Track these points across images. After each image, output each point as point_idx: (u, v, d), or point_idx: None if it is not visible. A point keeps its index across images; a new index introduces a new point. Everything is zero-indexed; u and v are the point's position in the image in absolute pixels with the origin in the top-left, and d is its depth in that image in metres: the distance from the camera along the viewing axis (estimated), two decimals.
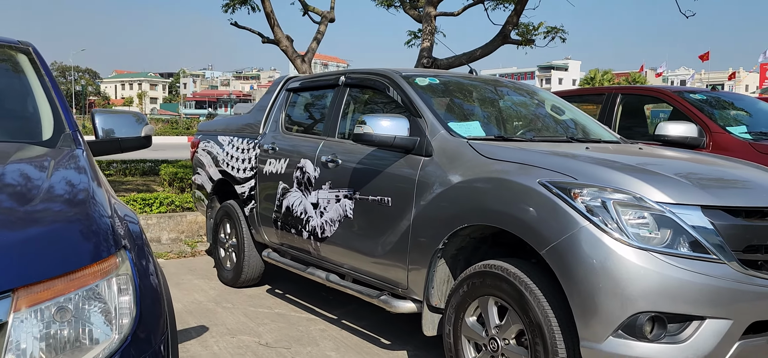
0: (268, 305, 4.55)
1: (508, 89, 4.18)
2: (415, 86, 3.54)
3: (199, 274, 5.45)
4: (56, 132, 2.12)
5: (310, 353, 3.57)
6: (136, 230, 1.62)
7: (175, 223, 6.65)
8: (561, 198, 2.47)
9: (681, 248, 2.33)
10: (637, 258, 2.29)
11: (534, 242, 2.52)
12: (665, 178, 2.51)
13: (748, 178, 2.80)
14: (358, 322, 4.15)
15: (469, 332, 2.86)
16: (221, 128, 5.32)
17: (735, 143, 4.50)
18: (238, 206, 4.87)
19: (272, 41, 9.03)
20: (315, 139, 4.06)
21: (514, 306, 2.62)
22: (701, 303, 2.28)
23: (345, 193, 3.62)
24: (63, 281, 1.20)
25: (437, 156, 3.12)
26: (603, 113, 5.50)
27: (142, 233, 1.65)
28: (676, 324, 2.30)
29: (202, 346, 3.65)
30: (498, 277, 2.68)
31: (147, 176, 11.21)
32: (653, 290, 2.27)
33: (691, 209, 2.38)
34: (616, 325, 2.29)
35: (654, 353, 2.28)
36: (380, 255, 3.36)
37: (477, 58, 8.66)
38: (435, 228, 2.99)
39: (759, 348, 2.40)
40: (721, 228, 2.37)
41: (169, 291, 1.72)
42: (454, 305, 2.90)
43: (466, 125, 3.30)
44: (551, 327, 2.47)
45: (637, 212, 2.37)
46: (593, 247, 2.34)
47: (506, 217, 2.65)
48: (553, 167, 2.63)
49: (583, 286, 2.34)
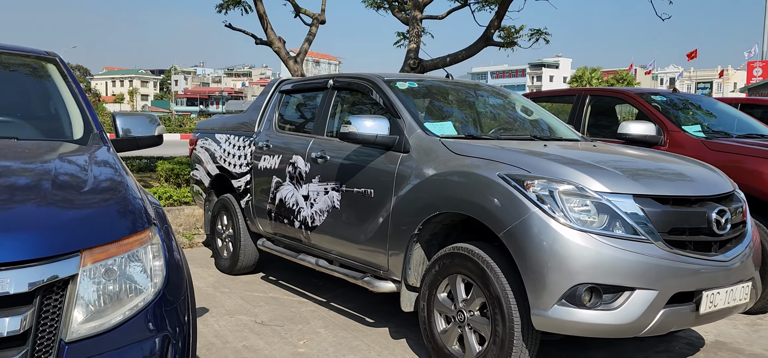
0: (262, 289, 4.95)
1: (483, 92, 4.59)
2: (395, 90, 3.95)
3: (198, 263, 5.84)
4: (86, 132, 2.51)
5: (302, 330, 3.98)
6: (161, 212, 2.02)
7: (173, 216, 7.02)
8: (516, 188, 2.89)
9: (616, 230, 2.75)
10: (578, 239, 2.71)
11: (493, 227, 2.94)
12: (604, 171, 2.93)
13: (680, 171, 3.23)
14: (345, 304, 4.55)
15: (440, 307, 3.27)
16: (218, 127, 5.70)
17: (689, 141, 4.94)
18: (234, 199, 5.26)
19: (265, 43, 9.39)
20: (306, 137, 4.46)
21: (477, 282, 3.04)
22: (631, 276, 2.71)
23: (333, 186, 4.03)
24: (114, 246, 1.60)
25: (414, 152, 3.53)
26: (573, 113, 5.94)
27: (164, 216, 2.04)
28: (610, 294, 2.73)
29: (204, 325, 4.05)
30: (464, 257, 3.10)
31: (143, 173, 11.54)
32: (590, 265, 2.69)
33: (624, 197, 2.80)
34: (559, 295, 2.71)
35: (591, 318, 2.70)
36: (364, 241, 3.77)
37: (461, 59, 9.07)
38: (411, 216, 3.40)
39: (681, 316, 2.83)
40: (649, 213, 2.80)
41: (187, 263, 2.11)
42: (428, 283, 3.32)
43: (440, 125, 3.72)
44: (508, 299, 2.89)
45: (579, 200, 2.79)
46: (541, 229, 2.76)
47: (471, 205, 3.07)
48: (511, 162, 3.04)
49: (533, 262, 2.76)
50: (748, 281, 3.08)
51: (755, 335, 4.03)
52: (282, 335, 3.85)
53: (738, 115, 5.96)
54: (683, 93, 6.11)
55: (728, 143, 4.76)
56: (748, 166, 4.43)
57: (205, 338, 3.76)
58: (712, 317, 2.98)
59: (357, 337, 3.84)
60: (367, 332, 3.96)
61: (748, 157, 4.48)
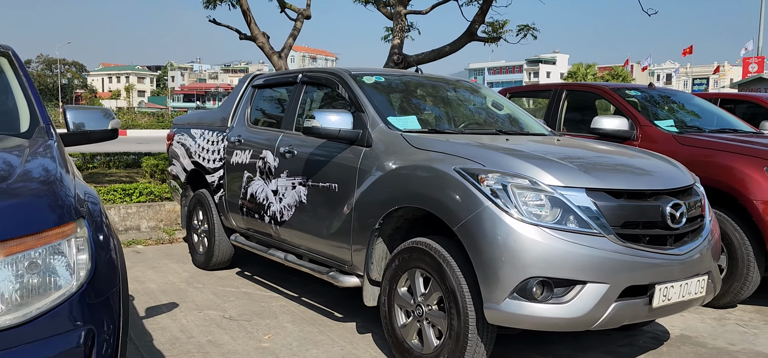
0: (235, 285, 4.95)
1: (453, 86, 4.59)
2: (361, 84, 3.94)
3: (175, 258, 5.84)
4: (32, 125, 2.50)
5: (269, 324, 3.98)
6: (95, 208, 2.01)
7: (154, 212, 7.02)
8: (470, 182, 2.89)
9: (568, 223, 2.76)
10: (530, 233, 2.71)
11: (448, 221, 2.94)
12: (558, 164, 2.94)
13: (638, 165, 3.24)
14: (316, 298, 4.56)
15: (400, 301, 3.27)
16: (194, 122, 5.69)
17: (661, 136, 4.95)
18: (209, 194, 5.26)
19: (249, 38, 9.38)
20: (275, 132, 4.46)
21: (435, 276, 3.04)
22: (582, 270, 2.71)
23: (300, 180, 4.03)
24: (32, 239, 1.60)
25: (376, 147, 3.53)
26: (550, 108, 5.94)
27: (101, 211, 2.04)
28: (561, 288, 2.73)
29: (171, 319, 4.05)
30: (422, 251, 3.10)
31: (130, 168, 11.54)
32: (542, 259, 2.69)
33: (576, 190, 2.81)
34: (511, 288, 2.71)
35: (542, 312, 2.71)
36: (329, 236, 3.77)
37: (446, 54, 9.06)
38: (372, 210, 3.40)
39: (634, 309, 2.83)
40: (602, 207, 2.80)
41: (123, 259, 2.10)
42: (388, 278, 3.32)
43: (403, 119, 3.72)
44: (463, 293, 2.89)
45: (531, 194, 2.79)
46: (494, 223, 2.76)
47: (427, 199, 3.07)
48: (467, 156, 3.04)
49: (486, 256, 2.76)
50: (704, 274, 3.08)
51: (721, 329, 4.04)
52: (248, 330, 3.85)
53: (714, 111, 5.97)
54: (660, 88, 6.11)
55: (699, 138, 4.76)
56: (718, 161, 4.44)
57: (170, 333, 3.76)
58: (667, 310, 2.99)
59: (323, 331, 3.84)
60: (334, 326, 3.96)
61: (719, 152, 4.48)
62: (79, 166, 11.30)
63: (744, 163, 4.28)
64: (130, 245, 6.43)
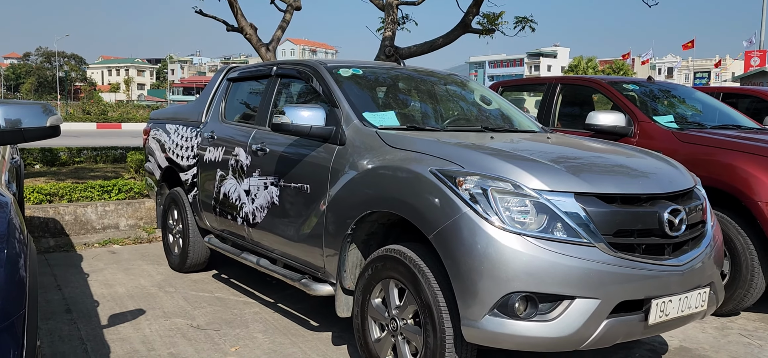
0: (209, 289, 4.68)
1: (438, 80, 4.30)
2: (336, 77, 3.66)
3: (151, 259, 5.57)
4: None
5: (238, 334, 3.71)
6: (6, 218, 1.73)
7: (133, 209, 6.74)
8: (447, 186, 2.61)
9: (555, 232, 2.48)
10: (512, 242, 2.43)
11: (423, 227, 2.66)
12: (544, 166, 2.65)
13: (633, 166, 2.95)
14: (293, 305, 4.29)
15: (374, 313, 3.00)
16: (169, 116, 5.42)
17: (660, 132, 4.66)
18: (183, 193, 4.99)
19: (236, 29, 9.08)
20: (248, 128, 4.18)
21: (409, 288, 2.76)
22: (570, 284, 2.43)
23: (272, 180, 3.75)
24: None
25: (349, 145, 3.25)
26: (544, 102, 5.65)
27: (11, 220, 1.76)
28: (547, 303, 2.46)
29: (134, 328, 3.78)
30: (396, 260, 2.82)
31: (117, 163, 11.27)
32: (525, 272, 2.41)
33: (564, 195, 2.53)
34: (491, 304, 2.43)
35: (525, 331, 2.43)
36: (301, 240, 3.50)
37: (439, 46, 8.76)
38: (344, 214, 3.12)
39: (628, 326, 2.56)
40: (592, 213, 2.52)
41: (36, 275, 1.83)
42: (361, 288, 3.05)
43: (380, 115, 3.43)
44: (439, 308, 2.62)
45: (514, 199, 2.51)
46: (472, 232, 2.48)
47: (401, 203, 2.79)
48: (445, 156, 2.76)
49: (463, 268, 2.49)
50: (705, 286, 2.81)
51: (724, 340, 3.76)
52: (215, 341, 3.59)
53: (717, 106, 5.68)
54: (659, 82, 5.81)
55: (701, 135, 4.48)
56: (720, 160, 4.16)
57: (130, 345, 3.50)
58: (665, 326, 2.72)
59: (295, 343, 3.58)
60: (308, 337, 3.69)
61: (721, 150, 4.20)
62: (64, 161, 11.03)
63: (748, 162, 3.99)
64: (106, 245, 6.17)
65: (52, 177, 8.84)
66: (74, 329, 3.74)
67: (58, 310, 4.09)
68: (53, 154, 11.01)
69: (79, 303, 4.25)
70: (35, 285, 1.78)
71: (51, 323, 3.83)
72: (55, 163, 10.92)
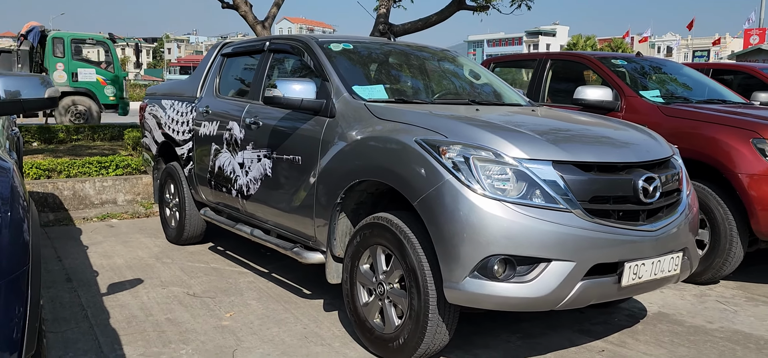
0: (205, 260, 4.81)
1: (428, 55, 4.39)
2: (327, 51, 3.75)
3: (148, 233, 5.69)
4: None
5: (232, 302, 3.84)
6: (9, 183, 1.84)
7: (130, 185, 6.85)
8: (431, 154, 2.72)
9: (533, 198, 2.59)
10: (491, 208, 2.55)
11: (408, 195, 2.77)
12: (524, 135, 2.76)
13: (612, 136, 3.06)
14: (287, 274, 4.42)
15: (362, 279, 3.13)
16: (165, 92, 5.50)
17: (646, 107, 4.76)
18: (179, 167, 5.09)
19: (231, 6, 9.12)
20: (242, 103, 4.27)
21: (396, 254, 2.89)
22: (547, 247, 2.55)
23: (265, 153, 3.85)
24: None
25: (339, 117, 3.35)
26: (534, 78, 5.74)
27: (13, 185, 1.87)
28: (525, 266, 2.58)
29: (132, 296, 3.91)
30: (384, 227, 2.94)
31: (115, 141, 11.35)
32: (504, 236, 2.53)
33: (542, 163, 2.64)
34: (471, 267, 2.56)
35: (503, 291, 2.56)
36: (293, 210, 3.61)
37: (433, 23, 8.82)
38: (334, 184, 3.23)
39: (602, 288, 2.69)
40: (569, 181, 2.64)
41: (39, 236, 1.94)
42: (350, 255, 3.17)
43: (369, 88, 3.53)
44: (424, 272, 2.74)
45: (495, 167, 2.62)
46: (454, 198, 2.60)
47: (387, 172, 2.90)
48: (430, 127, 2.87)
49: (446, 233, 2.61)
50: (679, 251, 2.93)
51: (701, 306, 3.91)
52: (210, 308, 3.72)
53: (705, 81, 5.78)
54: (648, 58, 5.90)
55: (685, 109, 4.58)
56: (703, 133, 4.27)
57: (128, 311, 3.63)
58: (638, 288, 2.84)
59: (288, 309, 3.71)
60: (300, 304, 3.83)
61: (704, 124, 4.31)
62: (62, 138, 11.11)
63: (729, 135, 4.11)
64: (105, 219, 6.28)
65: (51, 154, 8.94)
66: (75, 296, 3.87)
67: (59, 279, 4.21)
68: (51, 132, 11.09)
69: (79, 273, 4.37)
70: (38, 245, 1.89)
71: (52, 291, 3.95)
72: (53, 140, 11.00)
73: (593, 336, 3.37)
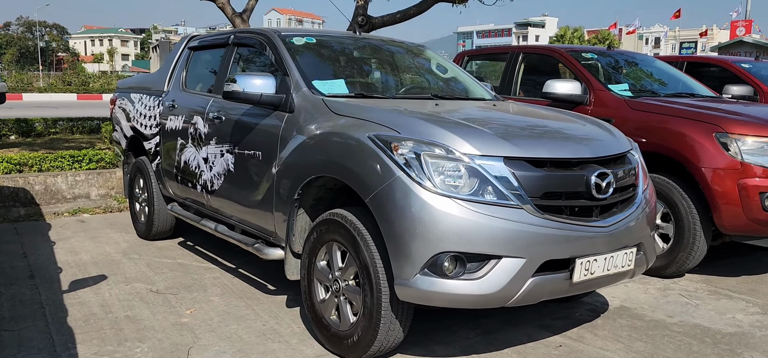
0: (173, 255, 4.77)
1: (395, 48, 4.36)
2: (289, 45, 3.72)
3: (119, 228, 5.64)
4: None
5: (195, 298, 3.82)
6: None
7: (104, 179, 6.78)
8: (383, 151, 2.70)
9: (484, 195, 2.58)
10: (441, 205, 2.54)
11: (360, 191, 2.76)
12: (476, 131, 2.75)
13: (567, 131, 3.06)
14: (252, 270, 4.39)
15: (319, 275, 3.11)
16: (134, 86, 5.44)
17: (613, 100, 4.76)
18: (147, 161, 5.04)
19: None
20: (206, 97, 4.23)
21: (350, 250, 2.87)
22: (497, 244, 2.55)
23: (228, 148, 3.82)
24: None
25: (297, 112, 3.32)
26: (506, 72, 5.74)
27: None
28: (475, 263, 2.57)
29: (94, 293, 3.87)
30: (338, 224, 2.92)
31: (94, 134, 11.25)
32: (454, 233, 2.52)
33: (494, 159, 2.63)
34: (421, 264, 2.55)
35: (453, 289, 2.55)
36: (254, 205, 3.59)
37: (412, 15, 8.78)
38: (291, 179, 3.21)
39: (553, 284, 2.69)
40: (520, 177, 2.63)
41: None
42: (308, 251, 3.15)
43: (330, 83, 3.50)
44: (376, 269, 2.73)
45: (446, 163, 2.61)
46: (405, 195, 2.58)
47: (340, 168, 2.88)
48: (384, 122, 2.85)
49: (396, 230, 2.59)
50: (633, 247, 2.94)
51: (663, 300, 3.93)
52: (172, 304, 3.69)
53: (675, 75, 5.79)
54: (620, 51, 5.90)
55: (651, 103, 4.59)
56: (668, 127, 4.28)
57: (88, 309, 3.59)
58: (591, 284, 2.85)
59: (249, 306, 3.69)
60: (263, 300, 3.81)
61: (669, 117, 4.32)
62: (39, 131, 11.00)
63: (693, 128, 4.12)
64: (76, 214, 6.23)
65: (27, 148, 8.84)
66: (36, 294, 3.83)
67: (22, 276, 4.16)
68: (29, 125, 10.97)
69: (43, 270, 4.33)
70: None
71: (14, 289, 3.91)
72: (31, 134, 10.88)
73: (552, 331, 3.38)
